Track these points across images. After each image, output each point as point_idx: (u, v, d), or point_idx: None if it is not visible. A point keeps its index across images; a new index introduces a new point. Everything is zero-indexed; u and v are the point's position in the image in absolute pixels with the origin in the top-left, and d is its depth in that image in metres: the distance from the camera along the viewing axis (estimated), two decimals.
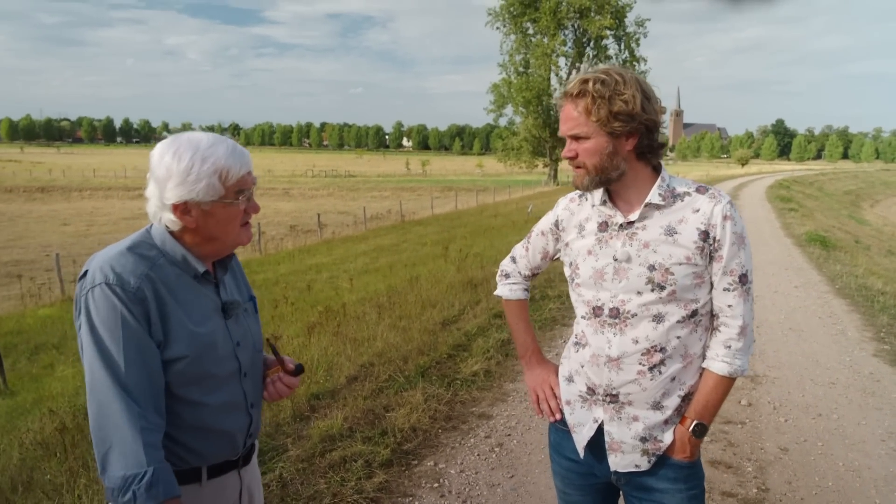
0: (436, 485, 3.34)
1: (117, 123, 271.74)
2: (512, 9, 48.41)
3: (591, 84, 1.47)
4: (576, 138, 1.52)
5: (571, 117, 1.51)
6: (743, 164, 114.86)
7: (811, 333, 6.31)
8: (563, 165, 57.62)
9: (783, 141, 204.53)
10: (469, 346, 5.55)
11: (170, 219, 1.39)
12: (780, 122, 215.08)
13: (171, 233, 1.43)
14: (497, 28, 49.90)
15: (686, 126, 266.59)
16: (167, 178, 1.35)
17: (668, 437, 1.57)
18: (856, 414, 4.33)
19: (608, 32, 48.03)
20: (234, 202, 1.41)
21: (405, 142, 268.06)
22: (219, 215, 1.40)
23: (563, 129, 1.54)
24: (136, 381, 1.29)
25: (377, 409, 4.15)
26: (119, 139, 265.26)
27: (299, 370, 1.62)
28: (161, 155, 1.37)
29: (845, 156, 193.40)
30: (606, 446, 1.61)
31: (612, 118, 1.46)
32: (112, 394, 1.27)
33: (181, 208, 1.37)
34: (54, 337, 9.12)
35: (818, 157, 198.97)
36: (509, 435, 3.95)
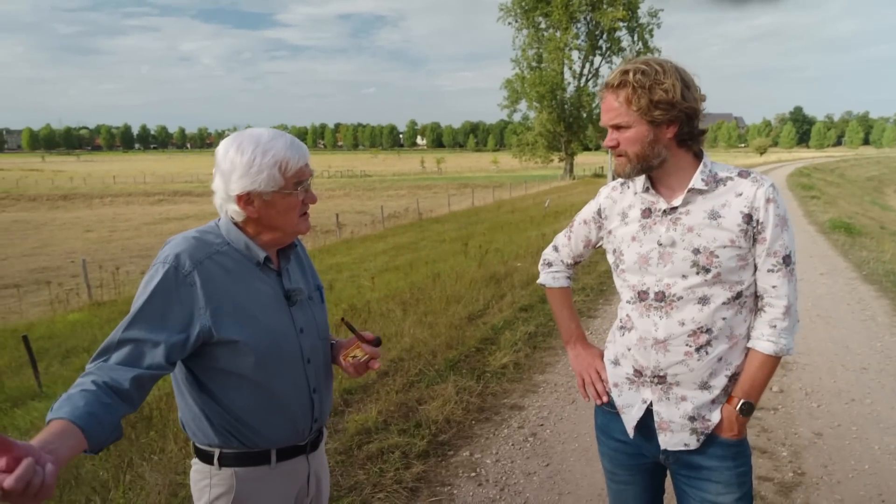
0: (473, 474, 3.40)
1: (135, 130, 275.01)
2: (523, 3, 48.29)
3: (631, 74, 1.50)
4: (617, 128, 1.56)
5: (612, 107, 1.55)
6: (761, 153, 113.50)
7: (840, 320, 6.28)
8: (579, 159, 57.46)
9: (802, 128, 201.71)
10: (497, 340, 5.59)
11: (234, 210, 1.47)
12: (798, 110, 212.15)
13: (236, 224, 1.51)
14: (509, 23, 49.90)
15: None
16: (232, 170, 1.44)
17: (715, 416, 1.60)
18: (890, 398, 4.32)
19: (621, 24, 47.74)
20: (293, 192, 1.48)
21: (419, 140, 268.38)
22: (279, 205, 1.48)
23: (605, 119, 1.57)
24: (120, 341, 1.34)
25: (410, 402, 4.21)
26: (137, 146, 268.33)
27: (378, 342, 1.68)
28: (226, 150, 1.45)
29: (866, 141, 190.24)
30: (655, 426, 1.65)
31: (653, 107, 1.50)
32: (107, 342, 1.34)
33: (244, 199, 1.45)
34: (84, 341, 9.31)
35: (838, 143, 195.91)
36: (542, 425, 3.99)
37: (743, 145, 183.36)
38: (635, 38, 49.03)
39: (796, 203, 19.52)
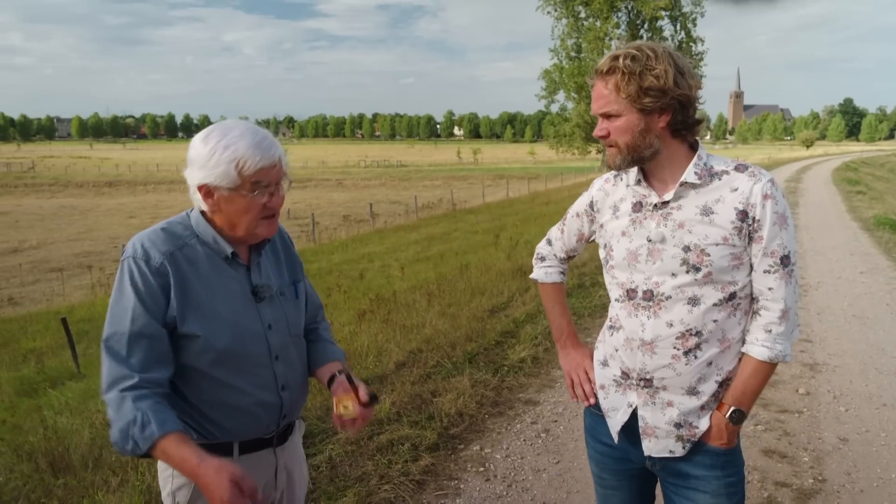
0: (481, 469, 3.37)
1: (178, 119, 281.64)
2: None
3: (621, 60, 1.42)
4: (607, 116, 1.48)
5: (602, 95, 1.47)
6: (808, 146, 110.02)
7: (877, 321, 6.03)
8: None
9: (852, 121, 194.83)
10: (517, 333, 5.54)
11: (198, 198, 1.47)
12: (848, 101, 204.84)
13: (205, 216, 1.49)
14: (548, 13, 49.07)
15: (747, 108, 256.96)
16: (195, 159, 1.43)
17: (704, 424, 1.53)
18: None
19: (663, 13, 46.63)
20: (249, 194, 1.43)
21: (456, 131, 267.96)
22: (236, 203, 1.44)
23: (595, 108, 1.50)
24: (130, 339, 1.37)
25: (424, 394, 4.20)
26: (180, 134, 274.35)
27: (373, 400, 1.56)
28: (197, 138, 1.45)
29: None
30: (640, 431, 1.58)
31: (643, 94, 1.42)
32: (106, 348, 1.37)
33: (204, 190, 1.44)
34: None
35: (891, 136, 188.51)
36: (556, 421, 3.94)
37: (789, 138, 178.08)
38: (678, 27, 47.84)
39: (841, 198, 18.82)
